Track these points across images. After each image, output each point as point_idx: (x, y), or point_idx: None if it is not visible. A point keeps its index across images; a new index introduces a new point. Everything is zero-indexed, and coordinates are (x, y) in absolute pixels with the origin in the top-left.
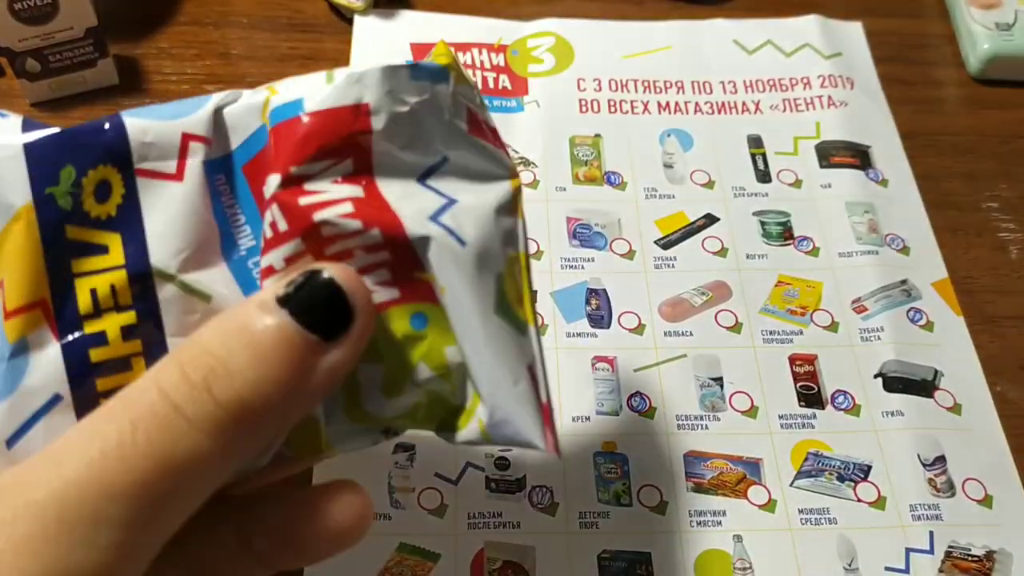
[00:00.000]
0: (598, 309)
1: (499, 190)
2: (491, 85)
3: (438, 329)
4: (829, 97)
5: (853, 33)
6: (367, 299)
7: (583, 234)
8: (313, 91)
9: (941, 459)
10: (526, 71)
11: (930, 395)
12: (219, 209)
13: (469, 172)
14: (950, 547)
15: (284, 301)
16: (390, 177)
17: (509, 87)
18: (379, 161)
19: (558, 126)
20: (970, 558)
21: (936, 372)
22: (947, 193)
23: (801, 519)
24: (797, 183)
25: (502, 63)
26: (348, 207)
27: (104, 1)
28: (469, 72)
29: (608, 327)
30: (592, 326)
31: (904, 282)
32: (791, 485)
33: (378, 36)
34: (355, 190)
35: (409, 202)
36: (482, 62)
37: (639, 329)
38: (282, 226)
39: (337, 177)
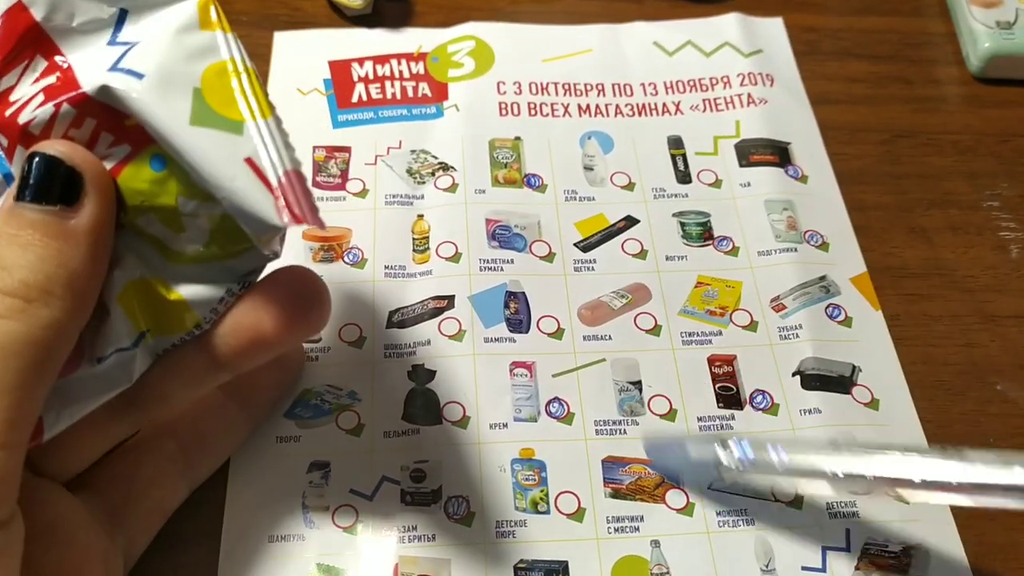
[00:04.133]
0: (517, 313)
1: (181, 13)
2: (410, 94)
3: (176, 162)
4: (749, 95)
5: (773, 29)
6: (82, 153)
7: (502, 235)
8: None
9: None
10: (446, 76)
11: (847, 391)
12: None
13: (150, 8)
14: (867, 544)
15: (20, 196)
16: (80, 51)
17: (429, 94)
18: (62, 42)
19: (478, 129)
20: (887, 555)
21: (854, 368)
22: (947, 192)
23: (719, 522)
24: (717, 183)
25: (422, 71)
26: (40, 97)
27: None
28: None
29: (527, 332)
30: (511, 330)
31: (823, 278)
32: (709, 487)
33: (298, 52)
34: (50, 79)
35: (93, 64)
36: (401, 72)
37: (558, 333)
38: (4, 142)
39: (36, 76)
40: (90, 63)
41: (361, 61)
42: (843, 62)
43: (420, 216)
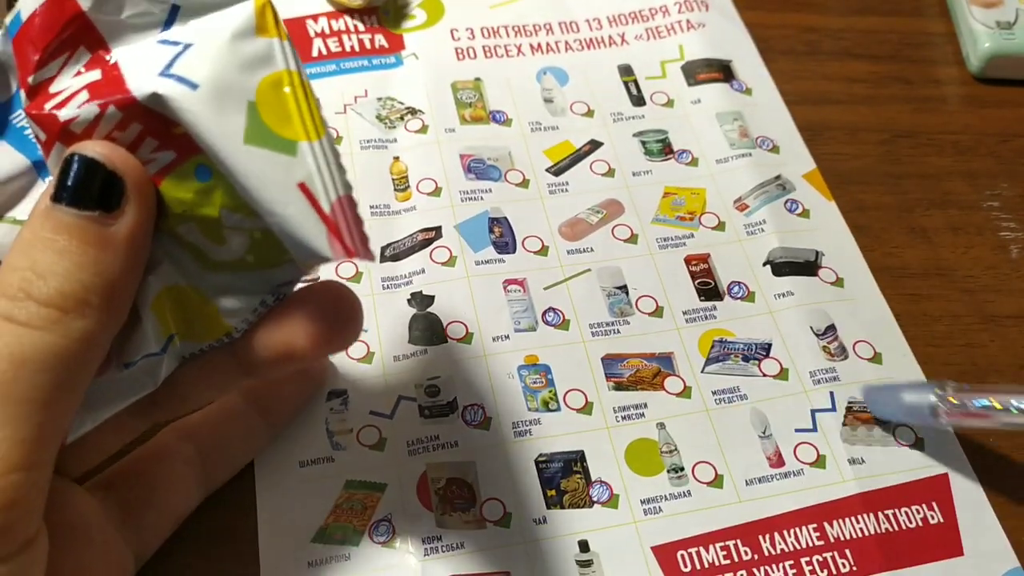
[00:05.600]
0: (502, 236)
1: (236, 16)
2: (368, 45)
3: (222, 175)
4: (688, 21)
5: None
6: (124, 158)
7: (477, 168)
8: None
9: (831, 328)
10: (400, 28)
11: (814, 273)
12: (24, 141)
13: (204, 9)
14: (849, 403)
15: (57, 198)
16: (128, 47)
17: (386, 45)
18: (109, 35)
19: (439, 74)
20: (867, 410)
21: (817, 253)
22: (947, 192)
23: (715, 400)
24: (669, 103)
25: (375, 24)
26: (84, 95)
27: None
28: None
29: (514, 252)
30: (498, 252)
31: (778, 177)
32: (702, 372)
33: None
34: (95, 74)
35: (141, 65)
36: (356, 25)
37: (543, 251)
38: (42, 136)
39: (79, 68)
40: (139, 63)
41: (315, 17)
42: (843, 62)
43: (396, 158)
